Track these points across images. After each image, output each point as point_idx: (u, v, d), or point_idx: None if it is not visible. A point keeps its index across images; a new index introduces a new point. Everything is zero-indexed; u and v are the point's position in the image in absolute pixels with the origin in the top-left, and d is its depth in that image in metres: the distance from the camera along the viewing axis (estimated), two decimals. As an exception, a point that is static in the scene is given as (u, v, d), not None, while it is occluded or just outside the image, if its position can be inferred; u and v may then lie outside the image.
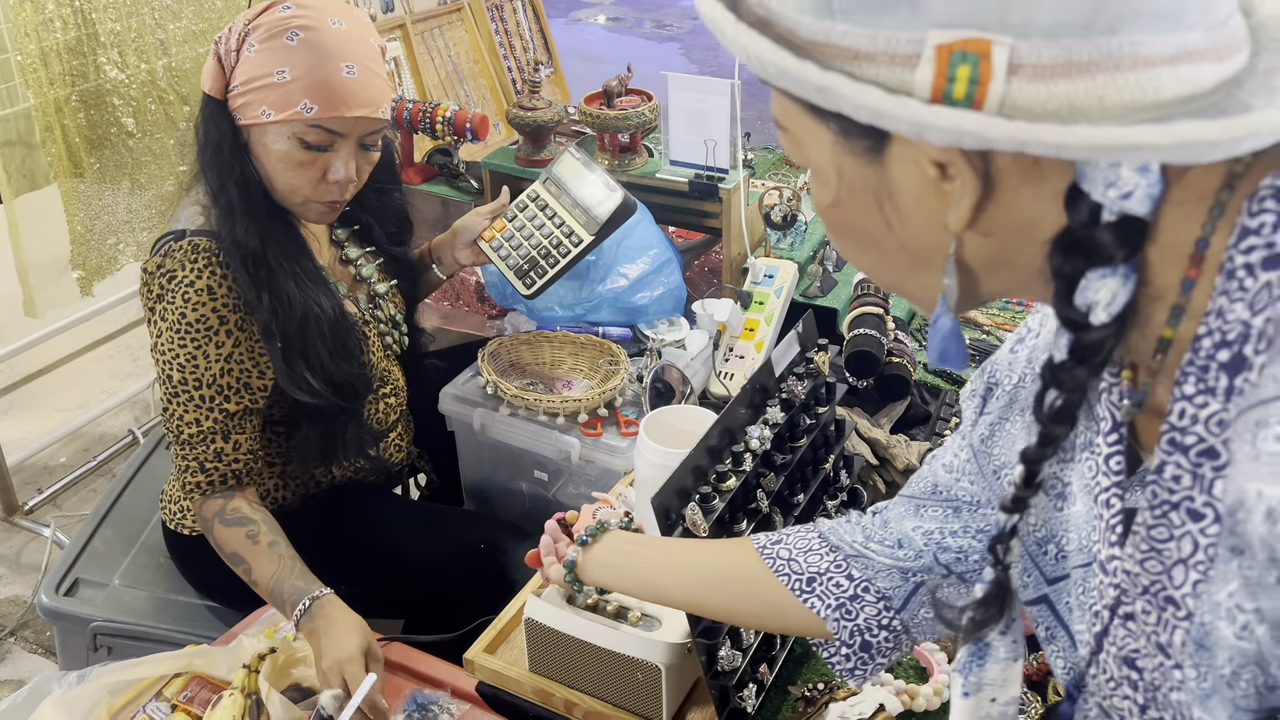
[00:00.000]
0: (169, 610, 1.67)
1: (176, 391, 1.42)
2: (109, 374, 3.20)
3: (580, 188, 1.73)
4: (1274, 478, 0.49)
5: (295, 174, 1.41)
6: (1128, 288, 0.55)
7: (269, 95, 1.37)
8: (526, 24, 3.30)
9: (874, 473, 1.56)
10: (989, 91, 0.49)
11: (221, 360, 1.42)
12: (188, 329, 1.40)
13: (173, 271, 1.40)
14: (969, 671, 0.79)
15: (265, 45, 1.37)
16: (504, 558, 1.60)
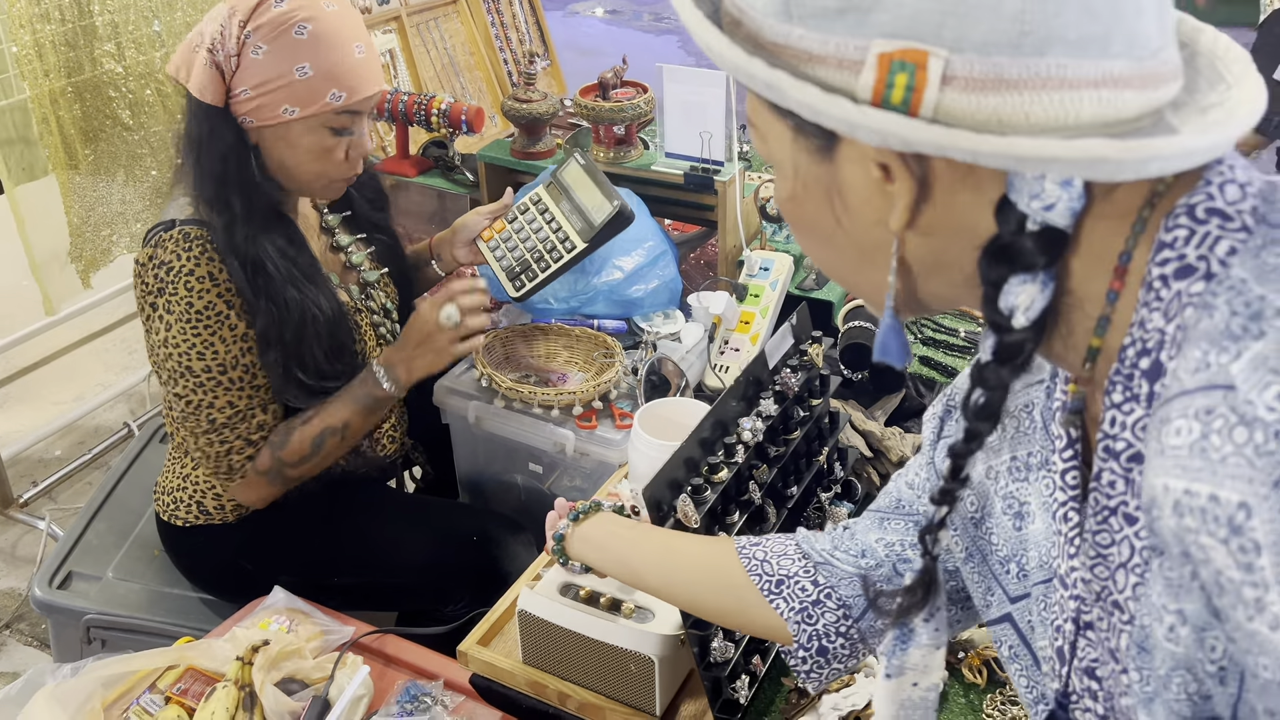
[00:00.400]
0: (162, 603, 1.67)
1: (201, 381, 1.42)
2: (104, 367, 3.19)
3: (581, 194, 1.73)
4: (1179, 470, 0.50)
5: (324, 161, 1.44)
6: (1045, 294, 0.58)
7: (292, 93, 1.37)
8: (522, 16, 3.30)
9: (868, 465, 1.56)
10: (924, 98, 0.53)
11: (239, 341, 1.42)
12: (197, 318, 1.39)
13: (169, 263, 1.39)
14: (893, 655, 0.83)
15: (274, 44, 1.35)
16: (497, 550, 1.60)
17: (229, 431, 1.45)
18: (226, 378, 1.42)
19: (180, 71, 1.42)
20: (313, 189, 1.50)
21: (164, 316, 1.41)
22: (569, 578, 1.21)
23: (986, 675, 1.24)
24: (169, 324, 1.40)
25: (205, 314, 1.39)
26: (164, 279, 1.40)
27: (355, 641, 1.37)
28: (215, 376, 1.42)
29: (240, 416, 1.45)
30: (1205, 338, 0.52)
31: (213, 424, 1.44)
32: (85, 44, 2.16)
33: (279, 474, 1.50)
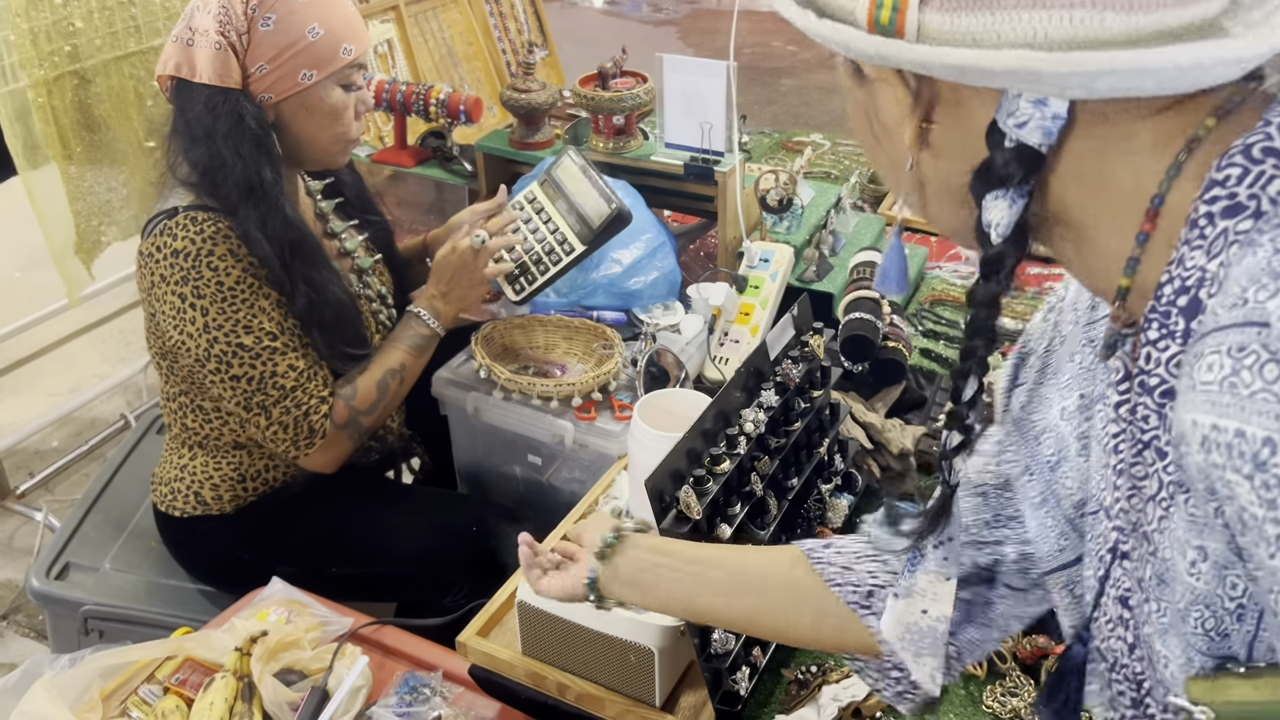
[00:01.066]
0: (160, 594, 1.67)
1: (258, 353, 1.42)
2: (100, 358, 3.18)
3: (577, 193, 1.73)
4: (1208, 405, 0.50)
5: (341, 121, 1.47)
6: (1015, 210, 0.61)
7: (307, 57, 1.39)
8: (521, 6, 3.28)
9: (869, 457, 1.56)
10: (906, 19, 0.57)
11: (277, 307, 1.43)
12: (232, 294, 1.39)
13: (185, 250, 1.38)
14: (904, 576, 0.85)
15: (283, 13, 1.37)
16: (496, 540, 1.59)
17: (301, 393, 1.45)
18: (280, 342, 1.43)
19: (182, 68, 1.40)
20: (332, 155, 1.52)
21: (197, 303, 1.39)
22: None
23: (986, 667, 1.23)
24: (204, 309, 1.39)
25: (239, 288, 1.40)
26: (185, 266, 1.38)
27: (354, 632, 1.36)
28: (269, 345, 1.42)
29: (307, 376, 1.46)
30: (1246, 274, 0.52)
31: (283, 391, 1.44)
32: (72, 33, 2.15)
33: (355, 425, 1.51)
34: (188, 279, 1.39)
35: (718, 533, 1.16)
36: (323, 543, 1.62)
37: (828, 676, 1.20)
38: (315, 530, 1.61)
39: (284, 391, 1.44)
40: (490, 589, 1.37)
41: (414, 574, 1.62)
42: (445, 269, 1.60)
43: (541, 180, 1.77)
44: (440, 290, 1.61)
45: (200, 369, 1.44)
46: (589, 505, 1.48)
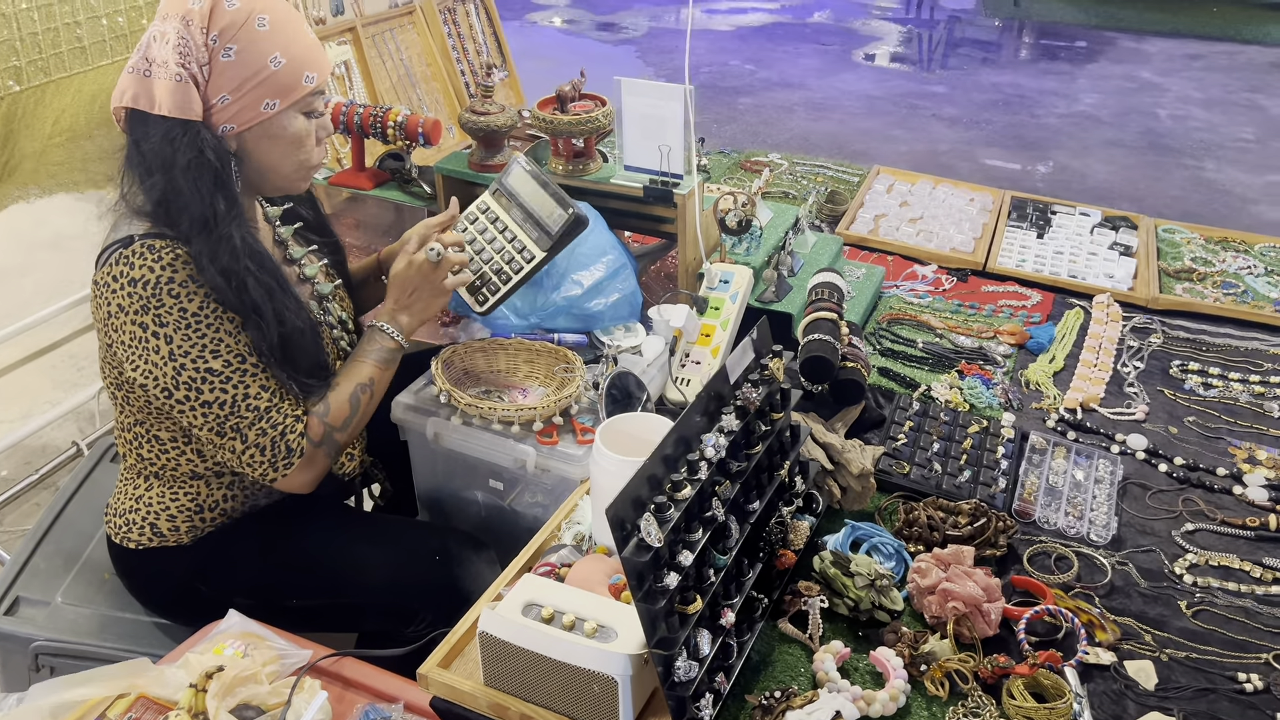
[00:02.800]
0: (114, 628, 1.63)
1: (228, 376, 1.40)
2: (52, 384, 3.12)
3: (531, 201, 1.73)
4: None
5: (303, 149, 1.46)
6: None
7: (270, 86, 1.38)
8: (479, 27, 3.28)
9: (829, 478, 1.57)
10: None
11: (240, 331, 1.42)
12: (195, 319, 1.38)
13: (144, 279, 1.36)
14: None
15: (244, 44, 1.35)
16: (459, 568, 1.58)
17: (276, 413, 1.44)
18: (249, 364, 1.42)
19: (140, 100, 1.37)
20: (294, 181, 1.51)
21: (160, 331, 1.37)
22: (531, 597, 1.20)
23: (948, 687, 1.24)
24: (169, 336, 1.37)
25: (203, 313, 1.38)
26: (145, 295, 1.36)
27: (313, 665, 1.35)
28: (238, 367, 1.41)
29: (280, 396, 1.45)
30: None
31: (258, 412, 1.43)
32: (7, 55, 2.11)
33: (331, 441, 1.50)
34: (148, 308, 1.36)
35: (679, 559, 1.16)
36: (282, 574, 1.59)
37: (791, 701, 1.20)
38: (274, 561, 1.59)
39: (259, 413, 1.43)
40: (453, 617, 1.35)
41: (376, 604, 1.60)
42: (404, 283, 1.60)
43: (494, 190, 1.77)
44: (401, 303, 1.60)
45: (167, 399, 1.42)
46: (552, 530, 1.48)
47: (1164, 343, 2.07)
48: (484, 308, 1.72)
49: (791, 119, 5.86)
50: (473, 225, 1.74)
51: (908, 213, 2.60)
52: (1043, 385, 1.91)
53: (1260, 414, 1.85)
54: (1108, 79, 6.69)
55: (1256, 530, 1.55)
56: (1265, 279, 2.32)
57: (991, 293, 2.27)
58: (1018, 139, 5.61)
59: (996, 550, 1.46)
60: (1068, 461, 1.67)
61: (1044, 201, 2.68)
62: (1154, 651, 1.32)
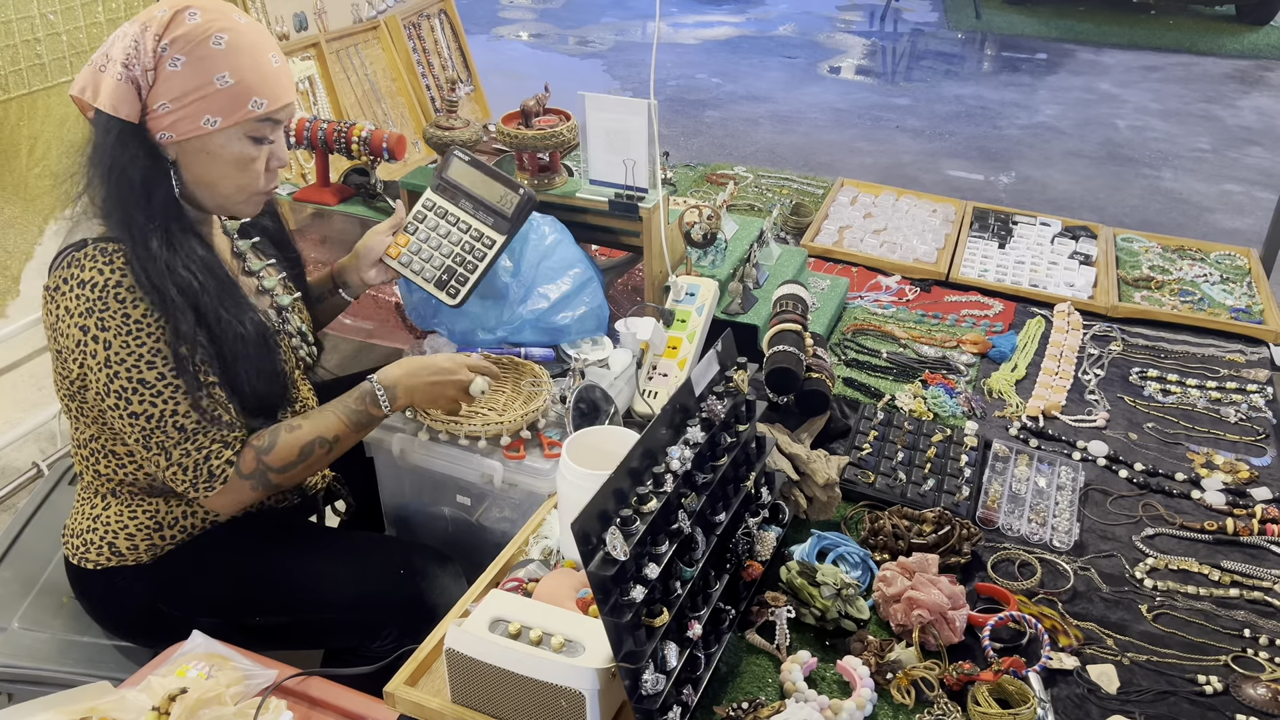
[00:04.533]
0: (73, 652, 1.61)
1: (159, 390, 1.37)
2: (12, 404, 3.06)
3: (478, 189, 1.75)
4: None
5: (246, 173, 1.43)
6: None
7: (213, 103, 1.36)
8: (445, 41, 3.28)
9: (795, 488, 1.58)
10: None
11: (184, 342, 1.38)
12: (137, 327, 1.35)
13: (92, 281, 1.34)
14: None
15: (193, 56, 1.34)
16: (424, 582, 1.57)
17: (203, 436, 1.40)
18: (184, 380, 1.38)
19: (86, 91, 1.38)
20: (234, 203, 1.47)
21: (99, 336, 1.35)
22: (498, 613, 1.20)
23: (915, 695, 1.25)
24: (108, 342, 1.35)
25: (144, 322, 1.36)
26: (91, 297, 1.34)
27: (278, 685, 1.33)
28: (171, 382, 1.37)
29: (209, 418, 1.41)
30: None
31: (183, 432, 1.39)
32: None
33: (263, 478, 1.46)
34: (92, 310, 1.35)
35: (646, 573, 1.16)
36: (245, 592, 1.58)
37: (759, 712, 1.20)
38: (237, 579, 1.57)
39: (184, 433, 1.40)
40: (421, 631, 1.35)
41: (341, 620, 1.59)
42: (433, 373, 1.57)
43: (435, 186, 1.78)
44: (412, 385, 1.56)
45: (101, 403, 1.40)
46: (520, 545, 1.47)
47: (1123, 350, 2.11)
48: (456, 299, 1.73)
49: (757, 132, 5.90)
50: (423, 224, 1.75)
51: (872, 224, 2.62)
52: (1005, 394, 1.94)
53: (1217, 419, 1.88)
54: (1068, 90, 6.80)
55: (1214, 534, 1.58)
56: (1221, 286, 2.36)
57: (954, 302, 2.29)
58: (980, 150, 5.69)
59: (961, 558, 1.48)
60: (1030, 469, 1.70)
61: (1005, 212, 2.72)
62: (1116, 655, 1.34)
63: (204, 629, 1.42)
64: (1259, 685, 1.29)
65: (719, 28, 8.37)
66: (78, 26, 2.31)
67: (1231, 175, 5.38)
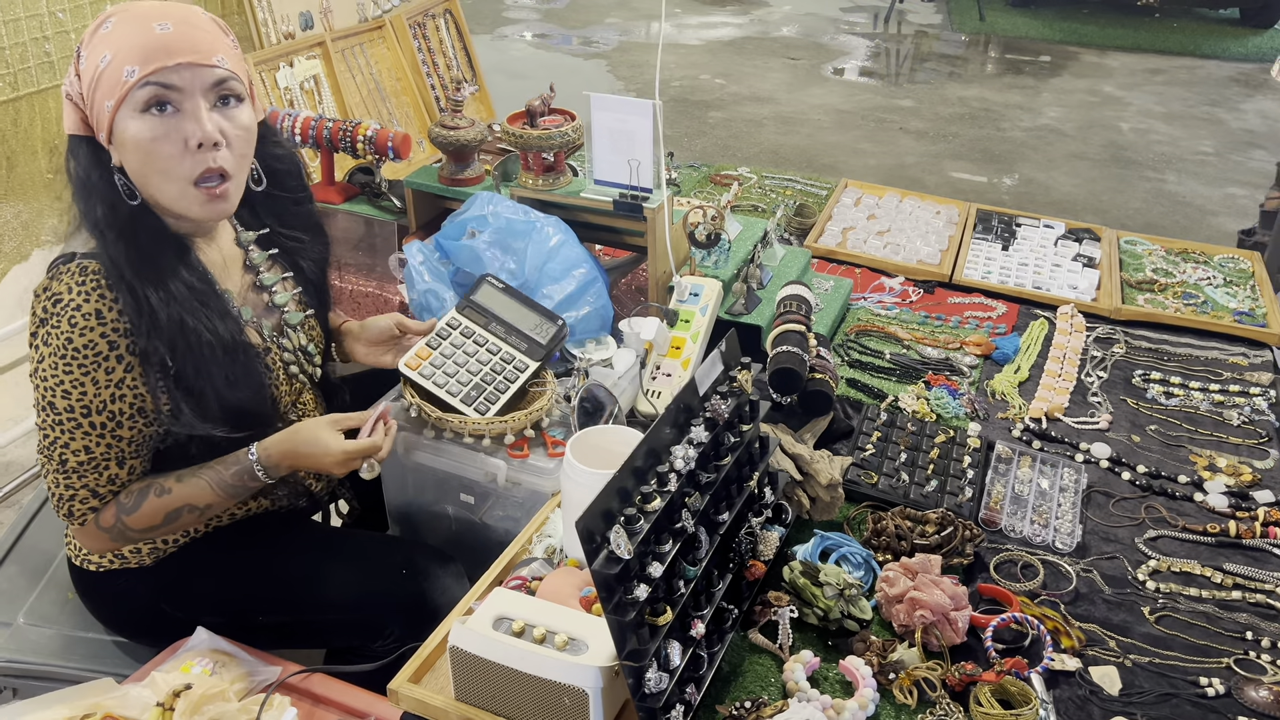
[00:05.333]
0: (78, 648, 1.61)
1: (61, 419, 1.36)
2: (15, 401, 3.07)
3: (509, 315, 1.75)
4: None
5: (158, 154, 1.33)
6: None
7: (103, 87, 1.31)
8: (449, 41, 3.29)
9: (798, 488, 1.58)
10: None
11: (112, 386, 1.36)
12: (74, 355, 1.34)
13: (59, 295, 1.34)
14: None
15: (88, 49, 1.34)
16: (427, 582, 1.57)
17: (77, 478, 1.39)
18: (89, 421, 1.36)
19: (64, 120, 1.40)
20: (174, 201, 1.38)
21: (40, 347, 1.36)
22: (501, 611, 1.20)
23: (917, 696, 1.25)
24: (43, 355, 1.35)
25: (83, 352, 1.34)
26: (50, 310, 1.35)
27: (282, 682, 1.34)
28: (76, 418, 1.36)
29: (93, 465, 1.39)
30: None
31: (63, 465, 1.39)
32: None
33: (120, 534, 1.44)
34: (46, 321, 1.35)
35: (649, 571, 1.16)
36: (248, 591, 1.58)
37: (762, 711, 1.20)
38: (240, 579, 1.58)
39: (64, 466, 1.38)
40: (422, 631, 1.35)
41: (343, 620, 1.59)
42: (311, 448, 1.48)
43: (461, 307, 1.77)
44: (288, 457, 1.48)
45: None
46: (523, 543, 1.48)
47: (1126, 353, 2.11)
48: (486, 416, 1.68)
49: (761, 133, 5.90)
50: (446, 340, 1.73)
51: (875, 225, 2.63)
52: (1008, 395, 1.94)
53: (1220, 422, 1.89)
54: (1071, 93, 6.80)
55: (1217, 536, 1.58)
56: (1224, 289, 2.36)
57: (957, 304, 2.29)
58: (984, 152, 5.69)
59: (963, 559, 1.48)
60: (1033, 470, 1.70)
61: (1009, 214, 2.72)
62: (1118, 657, 1.34)
63: (208, 628, 1.42)
64: (1261, 688, 1.29)
65: (722, 29, 8.37)
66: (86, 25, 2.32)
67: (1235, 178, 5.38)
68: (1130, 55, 7.75)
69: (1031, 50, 7.94)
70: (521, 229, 1.91)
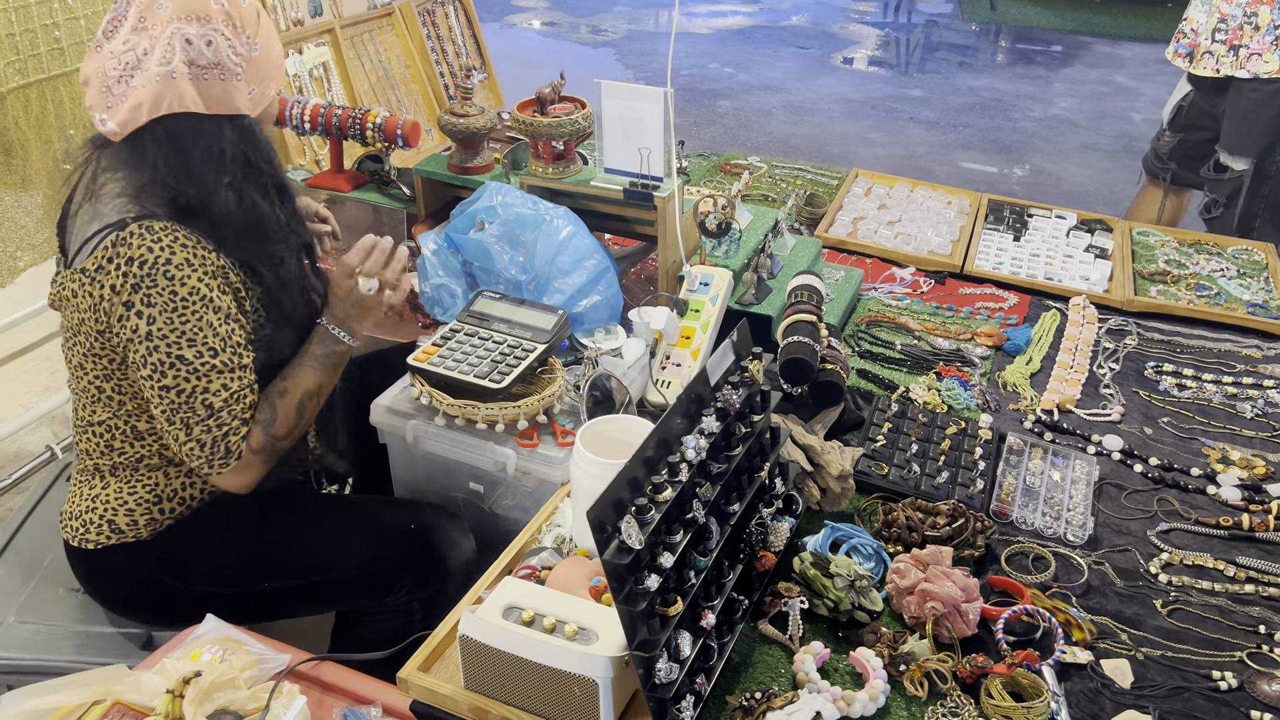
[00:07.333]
0: (71, 641, 1.60)
1: (195, 368, 1.41)
2: (24, 388, 3.07)
3: (512, 316, 1.77)
4: None
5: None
6: None
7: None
8: (459, 28, 3.28)
9: (808, 479, 1.58)
10: None
11: (228, 322, 1.43)
12: (184, 305, 1.39)
13: (141, 258, 1.37)
14: None
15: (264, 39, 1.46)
16: (434, 536, 1.58)
17: (226, 414, 1.44)
18: (219, 360, 1.42)
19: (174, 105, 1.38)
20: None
21: (144, 311, 1.38)
22: (511, 600, 1.20)
23: (928, 687, 1.25)
24: (151, 318, 1.38)
25: (191, 300, 1.39)
26: (139, 274, 1.37)
27: (291, 669, 1.34)
28: (209, 361, 1.41)
29: (235, 399, 1.45)
30: None
31: (210, 410, 1.43)
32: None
33: (271, 449, 1.50)
34: (139, 286, 1.38)
35: (660, 561, 1.16)
36: (251, 559, 1.58)
37: (772, 702, 1.20)
38: (241, 546, 1.58)
39: (211, 410, 1.43)
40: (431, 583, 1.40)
41: (352, 579, 1.58)
42: (344, 301, 1.61)
43: (462, 316, 1.79)
44: (346, 315, 1.62)
45: (136, 373, 1.43)
46: (533, 533, 1.47)
47: (1139, 344, 2.10)
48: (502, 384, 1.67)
49: (771, 122, 5.88)
50: (451, 340, 1.74)
51: (886, 215, 2.61)
52: (1020, 387, 1.93)
53: (1233, 415, 1.87)
54: (1083, 83, 6.76)
55: (1230, 530, 1.57)
56: (1238, 281, 2.34)
57: (969, 295, 2.28)
58: (995, 142, 5.66)
59: (975, 550, 1.47)
60: (1045, 462, 1.69)
61: (1020, 204, 2.71)
62: (1130, 650, 1.34)
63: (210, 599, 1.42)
64: (1274, 681, 1.28)
65: (732, 17, 8.34)
66: (96, 11, 2.31)
67: (1248, 170, 5.33)
68: (1143, 45, 7.69)
69: (1043, 40, 7.89)
70: (531, 221, 1.90)
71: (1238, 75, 2.91)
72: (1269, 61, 2.85)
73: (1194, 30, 3.02)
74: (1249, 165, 2.98)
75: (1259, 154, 2.97)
